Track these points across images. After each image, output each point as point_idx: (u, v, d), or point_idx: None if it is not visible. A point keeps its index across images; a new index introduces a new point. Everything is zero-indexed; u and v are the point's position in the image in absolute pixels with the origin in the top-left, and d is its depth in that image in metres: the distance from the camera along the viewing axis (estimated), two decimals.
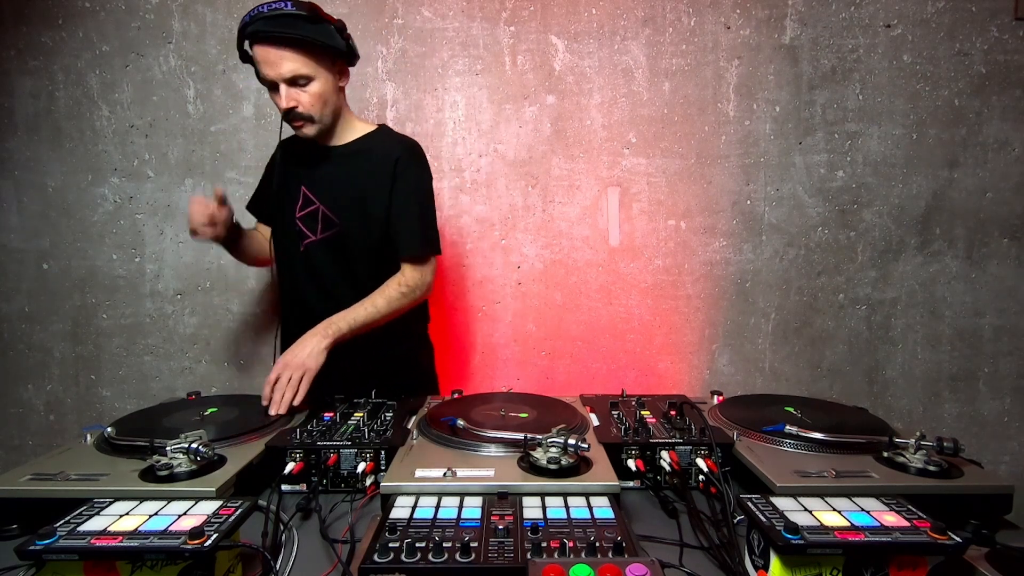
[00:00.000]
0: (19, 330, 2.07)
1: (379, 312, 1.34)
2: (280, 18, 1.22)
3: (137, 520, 0.72)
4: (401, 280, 1.39)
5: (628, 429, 1.06)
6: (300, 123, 1.34)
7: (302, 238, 1.45)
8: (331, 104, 1.36)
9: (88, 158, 2.01)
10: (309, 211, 1.43)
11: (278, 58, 1.25)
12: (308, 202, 1.44)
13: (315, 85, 1.30)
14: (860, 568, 0.67)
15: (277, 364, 1.22)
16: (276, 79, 1.27)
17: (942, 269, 2.07)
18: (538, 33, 1.99)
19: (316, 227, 1.43)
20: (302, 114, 1.32)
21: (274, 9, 1.22)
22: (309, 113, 1.32)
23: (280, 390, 1.18)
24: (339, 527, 0.86)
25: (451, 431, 1.02)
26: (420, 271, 1.41)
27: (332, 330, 1.27)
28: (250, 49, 1.28)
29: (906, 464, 0.90)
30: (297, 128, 1.35)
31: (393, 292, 1.37)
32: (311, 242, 1.44)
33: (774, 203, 2.05)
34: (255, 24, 1.23)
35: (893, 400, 2.13)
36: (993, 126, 2.01)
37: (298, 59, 1.26)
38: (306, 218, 1.44)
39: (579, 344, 2.11)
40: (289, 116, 1.32)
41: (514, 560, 0.65)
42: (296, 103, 1.30)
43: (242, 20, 1.25)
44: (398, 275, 1.40)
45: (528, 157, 2.04)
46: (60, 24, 1.95)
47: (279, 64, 1.25)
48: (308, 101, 1.31)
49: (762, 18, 1.98)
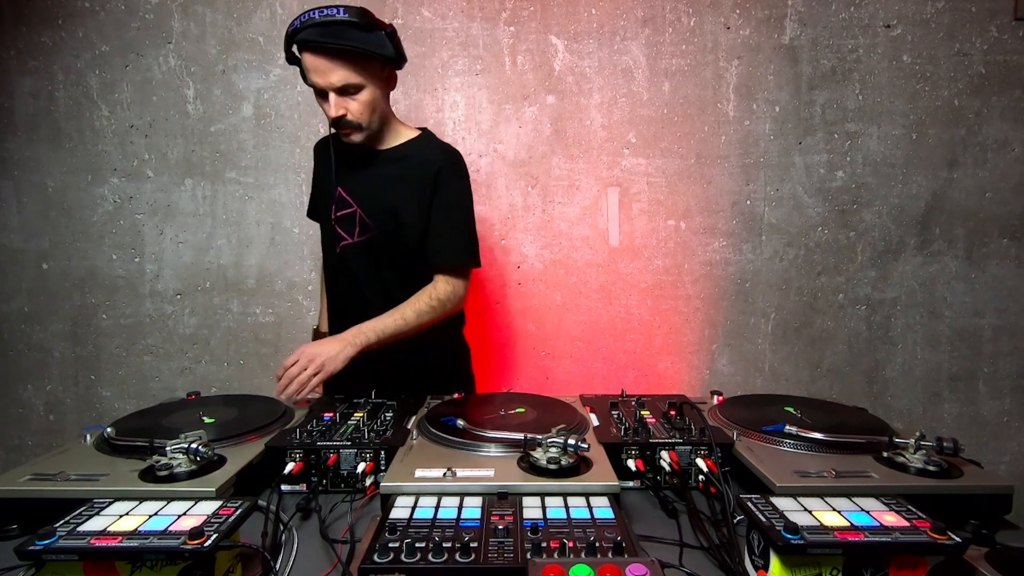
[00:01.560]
0: (19, 330, 2.07)
1: (407, 324, 1.32)
2: (331, 26, 1.19)
3: (137, 520, 0.72)
4: (432, 293, 1.36)
5: (628, 429, 1.06)
6: (348, 131, 1.32)
7: (338, 240, 1.43)
8: (379, 111, 1.33)
9: (88, 158, 2.01)
10: (346, 213, 1.41)
11: (328, 68, 1.22)
12: (345, 204, 1.42)
13: (365, 93, 1.28)
14: (860, 568, 0.67)
15: (300, 349, 1.21)
16: (326, 87, 1.24)
17: (942, 269, 2.07)
18: (538, 33, 1.99)
19: (353, 230, 1.41)
20: (351, 122, 1.29)
21: (326, 16, 1.18)
22: (358, 121, 1.30)
23: (290, 378, 1.18)
24: (339, 527, 0.86)
25: (451, 431, 1.02)
26: (453, 284, 1.38)
27: (360, 339, 1.26)
28: (298, 53, 1.25)
29: (906, 464, 0.90)
30: (345, 135, 1.33)
31: (423, 305, 1.34)
32: (347, 245, 1.43)
33: (774, 203, 2.05)
34: (306, 31, 1.19)
35: (893, 400, 2.13)
36: (993, 126, 2.01)
37: (349, 68, 1.23)
38: (342, 220, 1.42)
39: (579, 344, 2.11)
40: (338, 124, 1.30)
41: (514, 560, 0.65)
42: (345, 111, 1.28)
43: (292, 23, 1.21)
44: (430, 287, 1.37)
45: (528, 157, 2.04)
46: (60, 24, 1.95)
47: (329, 73, 1.23)
48: (357, 109, 1.29)
49: (762, 18, 1.98)
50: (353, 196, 1.41)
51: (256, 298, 2.08)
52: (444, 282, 1.38)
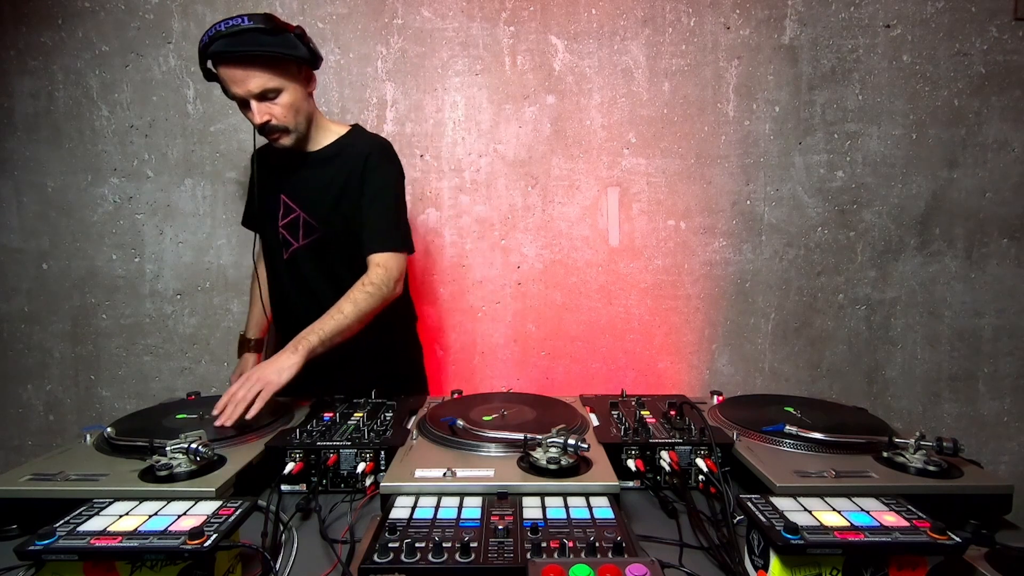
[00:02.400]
0: (19, 330, 2.07)
1: (347, 318, 1.28)
2: (239, 35, 1.21)
3: (137, 520, 0.72)
4: (365, 280, 1.34)
5: (628, 429, 1.06)
6: (276, 135, 1.34)
7: (286, 246, 1.46)
8: (303, 112, 1.36)
9: (88, 158, 2.01)
10: (290, 219, 1.44)
11: (244, 76, 1.24)
12: (289, 210, 1.44)
13: (285, 96, 1.30)
14: (860, 568, 0.67)
15: (242, 377, 1.17)
16: (245, 96, 1.27)
17: (942, 269, 2.07)
18: (538, 33, 1.99)
19: (298, 234, 1.44)
20: (276, 126, 1.32)
21: (232, 26, 1.20)
22: (283, 124, 1.32)
23: (233, 403, 1.11)
24: (339, 527, 0.86)
25: (451, 431, 1.02)
26: (385, 268, 1.36)
27: (302, 346, 1.21)
28: (214, 68, 1.27)
29: (906, 464, 0.90)
30: (274, 140, 1.35)
31: (358, 294, 1.32)
32: (295, 249, 1.45)
33: (774, 203, 2.05)
34: (215, 44, 1.21)
35: (893, 400, 2.13)
36: (993, 126, 2.01)
37: (264, 74, 1.25)
38: (288, 226, 1.45)
39: (579, 344, 2.11)
40: (264, 130, 1.32)
41: (514, 560, 0.65)
42: (269, 116, 1.30)
43: (200, 41, 1.23)
44: (364, 276, 1.36)
45: (528, 157, 2.04)
46: (60, 24, 1.95)
47: (246, 81, 1.25)
48: (281, 113, 1.31)
49: (762, 18, 1.98)
50: (294, 201, 1.43)
51: None
52: (375, 266, 1.36)
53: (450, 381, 2.08)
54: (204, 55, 1.25)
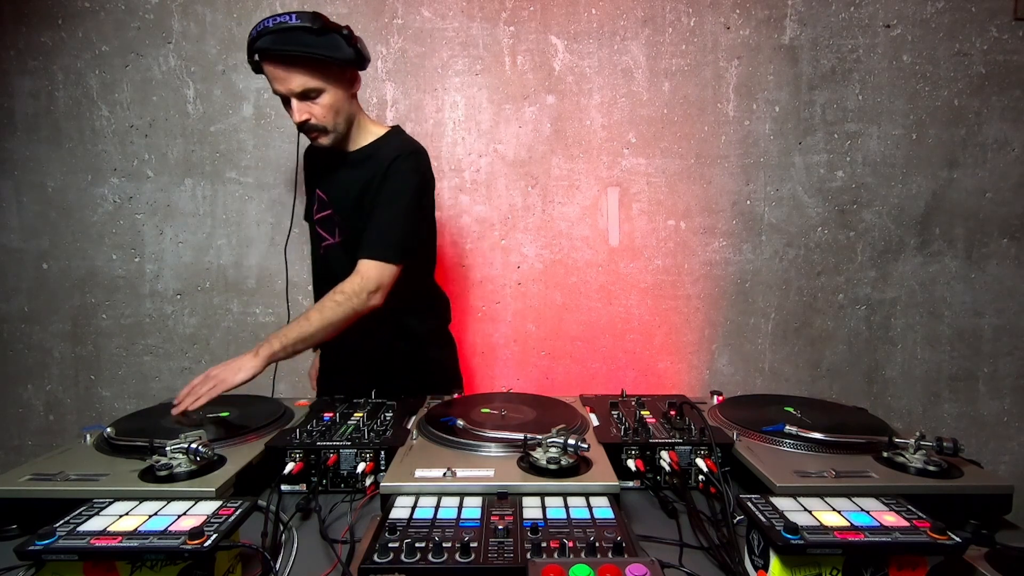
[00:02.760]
0: (19, 330, 2.07)
1: (311, 326, 1.24)
2: (285, 32, 1.20)
3: (137, 520, 0.72)
4: (337, 288, 1.28)
5: (628, 429, 1.06)
6: (315, 134, 1.34)
7: (321, 240, 1.47)
8: (344, 112, 1.34)
9: (88, 158, 2.01)
10: (325, 215, 1.45)
11: (287, 74, 1.24)
12: (324, 205, 1.45)
13: (326, 97, 1.29)
14: (860, 568, 0.67)
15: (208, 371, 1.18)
16: (286, 94, 1.27)
17: (942, 269, 2.07)
18: (538, 33, 1.99)
19: (333, 231, 1.44)
20: (316, 126, 1.31)
21: (279, 23, 1.20)
22: (322, 124, 1.32)
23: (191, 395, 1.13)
24: (339, 527, 0.86)
25: (451, 431, 1.02)
26: (363, 277, 1.29)
27: (264, 350, 1.20)
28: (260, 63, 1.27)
29: (906, 464, 0.90)
30: (313, 139, 1.36)
31: (327, 302, 1.26)
32: (328, 245, 1.46)
33: (774, 203, 2.05)
34: (262, 40, 1.22)
35: (893, 400, 2.13)
36: (993, 126, 2.01)
37: (306, 74, 1.25)
38: (323, 221, 1.46)
39: (579, 344, 2.11)
40: (304, 129, 1.32)
41: (514, 560, 0.65)
42: (309, 115, 1.29)
43: (250, 34, 1.23)
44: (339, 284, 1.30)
45: (528, 157, 2.04)
46: (60, 24, 1.95)
47: (288, 80, 1.25)
48: (320, 113, 1.30)
49: (762, 18, 1.98)
50: (329, 198, 1.44)
51: (256, 298, 2.08)
52: (355, 273, 1.30)
53: None
54: (251, 49, 1.25)
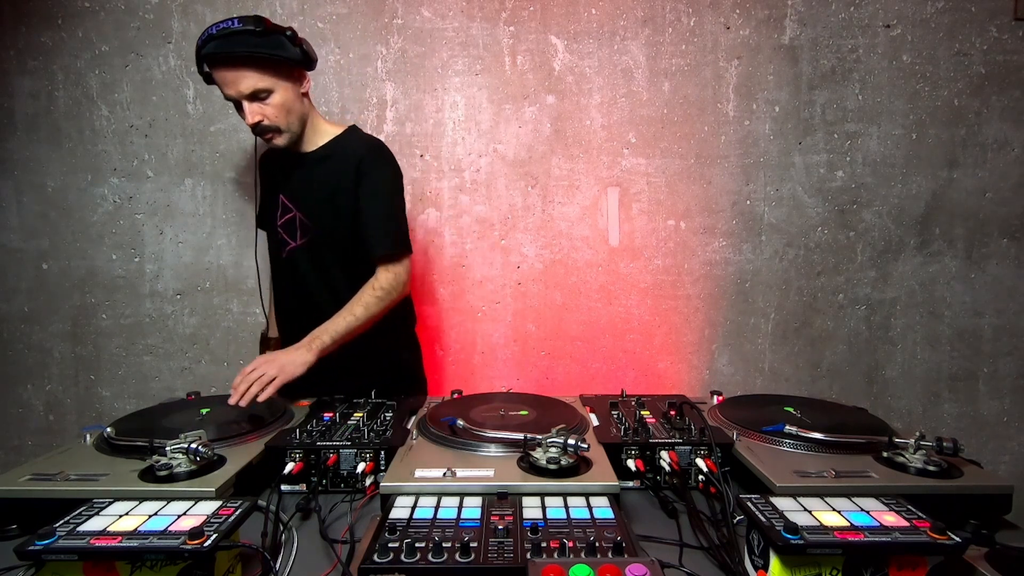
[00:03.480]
0: (19, 330, 2.07)
1: (358, 320, 1.34)
2: (230, 37, 1.24)
3: (137, 520, 0.72)
4: (375, 284, 1.38)
5: (628, 429, 1.06)
6: (269, 135, 1.36)
7: (283, 245, 1.49)
8: (296, 112, 1.37)
9: (88, 158, 2.01)
10: (287, 218, 1.48)
11: (235, 77, 1.27)
12: (286, 209, 1.47)
13: (276, 96, 1.32)
14: (860, 568, 0.67)
15: (258, 358, 1.22)
16: (237, 97, 1.30)
17: (942, 269, 2.07)
18: (538, 33, 1.99)
19: (295, 234, 1.47)
20: (269, 126, 1.34)
21: (223, 29, 1.24)
22: (275, 124, 1.34)
23: (248, 382, 1.16)
24: (339, 527, 0.86)
25: (451, 431, 1.02)
26: (393, 272, 1.41)
27: (316, 344, 1.27)
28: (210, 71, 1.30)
29: (906, 464, 0.90)
30: (268, 140, 1.38)
31: (369, 298, 1.37)
32: (291, 249, 1.48)
33: (774, 203, 2.05)
34: (208, 46, 1.25)
35: (893, 400, 2.13)
36: (993, 126, 2.01)
37: (254, 74, 1.28)
38: (286, 225, 1.48)
39: (579, 344, 2.11)
40: (257, 130, 1.34)
41: (514, 560, 0.65)
42: (261, 116, 1.32)
43: (196, 44, 1.27)
44: (372, 279, 1.40)
45: (528, 157, 2.04)
46: (60, 24, 1.95)
47: (237, 82, 1.28)
48: (272, 113, 1.33)
49: (762, 18, 1.98)
50: (291, 201, 1.47)
51: (256, 298, 2.08)
52: (384, 271, 1.40)
53: (450, 381, 2.08)
54: (200, 58, 1.28)
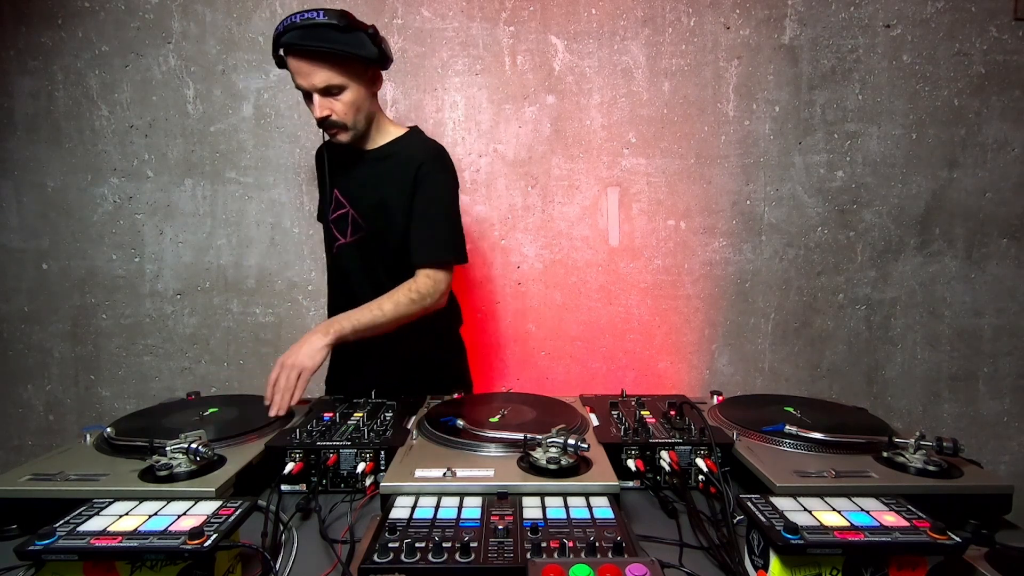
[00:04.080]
0: (19, 330, 2.07)
1: (384, 316, 1.31)
2: (312, 29, 1.22)
3: (137, 520, 0.72)
4: (412, 286, 1.36)
5: (628, 429, 1.06)
6: (335, 131, 1.35)
7: (334, 240, 1.48)
8: (364, 111, 1.36)
9: (88, 158, 2.01)
10: (340, 214, 1.46)
11: (310, 70, 1.25)
12: (339, 205, 1.46)
13: (348, 94, 1.30)
14: (860, 568, 0.67)
15: (277, 363, 1.21)
16: (309, 89, 1.28)
17: (942, 269, 2.07)
18: (538, 33, 1.99)
19: (346, 230, 1.46)
20: (336, 122, 1.33)
21: (306, 19, 1.22)
22: (343, 121, 1.33)
23: (279, 391, 1.18)
24: (339, 527, 0.86)
25: (451, 431, 1.02)
26: (433, 279, 1.38)
27: (334, 328, 1.25)
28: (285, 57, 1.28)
29: (906, 464, 0.90)
30: (332, 135, 1.36)
31: (402, 298, 1.34)
32: (341, 244, 1.47)
33: (774, 203, 2.05)
34: (288, 35, 1.23)
35: (893, 400, 2.13)
36: (993, 126, 2.01)
37: (330, 70, 1.26)
38: (337, 221, 1.47)
39: (579, 344, 2.11)
40: (324, 124, 1.33)
41: (514, 560, 0.65)
42: (330, 112, 1.31)
43: (276, 28, 1.25)
44: (410, 281, 1.37)
45: (528, 157, 2.04)
46: (60, 24, 1.95)
47: (311, 75, 1.26)
48: (341, 110, 1.32)
49: (762, 18, 1.98)
50: (345, 196, 1.45)
51: (256, 298, 2.08)
52: (424, 276, 1.37)
53: None
54: (277, 43, 1.26)
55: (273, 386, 1.19)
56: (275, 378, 1.19)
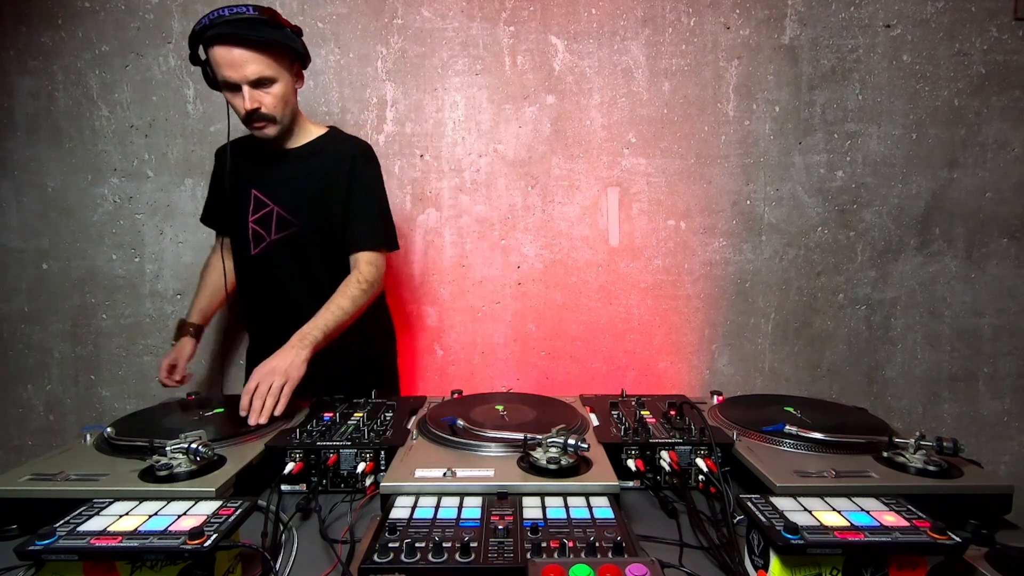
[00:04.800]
0: (19, 330, 2.07)
1: (346, 313, 1.34)
2: (243, 22, 1.25)
3: (137, 520, 0.72)
4: (359, 277, 1.40)
5: (628, 429, 1.06)
6: (262, 124, 1.36)
7: (257, 242, 1.47)
8: (290, 105, 1.39)
9: (88, 158, 2.01)
10: (263, 213, 1.46)
11: (243, 60, 1.27)
12: (261, 204, 1.46)
13: (278, 87, 1.33)
14: (860, 568, 0.67)
15: (255, 373, 1.17)
16: (240, 81, 1.29)
17: (942, 269, 2.07)
18: (538, 33, 1.99)
19: (271, 229, 1.46)
20: (265, 115, 1.34)
21: (236, 13, 1.25)
22: (272, 114, 1.35)
23: (260, 398, 1.13)
24: (339, 527, 0.86)
25: (451, 431, 1.02)
26: (375, 265, 1.43)
27: (308, 340, 1.25)
28: (205, 52, 1.30)
29: (906, 464, 0.90)
30: (258, 129, 1.37)
31: (354, 290, 1.37)
32: (268, 244, 1.47)
33: (774, 203, 2.05)
34: (217, 27, 1.24)
35: (893, 400, 2.13)
36: (993, 126, 2.01)
37: (263, 61, 1.29)
38: (260, 221, 1.47)
39: (579, 344, 2.11)
40: (252, 117, 1.34)
41: (514, 560, 0.65)
42: (259, 104, 1.32)
43: (198, 23, 1.26)
44: (354, 273, 1.41)
45: (528, 157, 2.04)
46: (60, 24, 1.95)
47: (244, 66, 1.27)
48: (271, 102, 1.34)
49: (762, 18, 1.98)
50: (270, 196, 1.45)
51: None
52: (366, 264, 1.42)
53: (450, 381, 2.08)
54: (199, 37, 1.27)
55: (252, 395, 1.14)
56: (254, 387, 1.15)
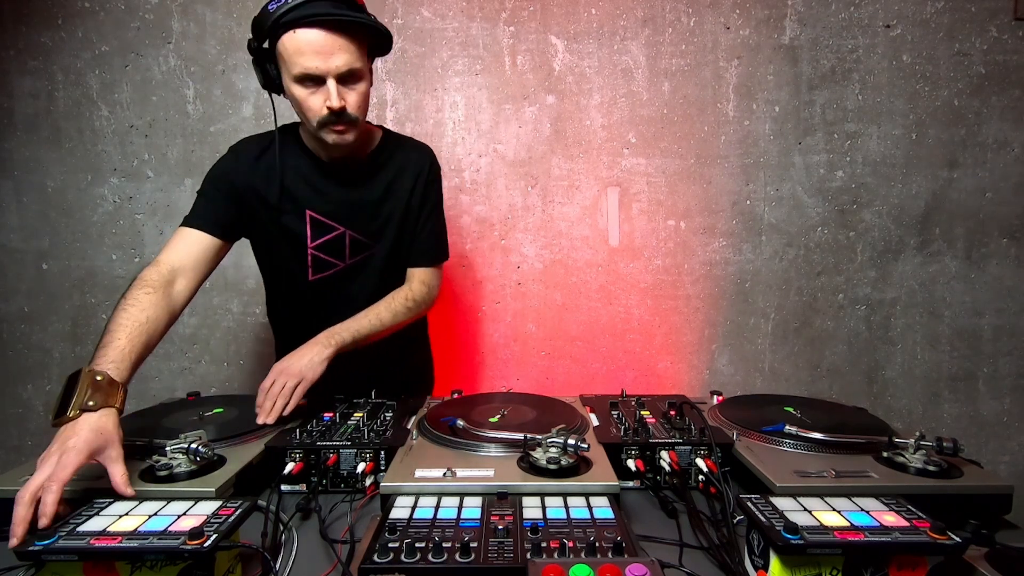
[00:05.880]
0: (19, 330, 2.07)
1: (383, 325, 1.26)
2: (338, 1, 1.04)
3: (136, 520, 0.72)
4: (408, 295, 1.31)
5: (628, 429, 1.06)
6: (343, 128, 1.12)
7: (322, 268, 1.30)
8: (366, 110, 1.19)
9: (88, 158, 2.01)
10: (332, 237, 1.28)
11: (333, 47, 1.04)
12: (325, 228, 1.27)
13: (364, 84, 1.12)
14: (860, 568, 0.67)
15: (273, 369, 1.14)
16: (325, 73, 1.06)
17: (941, 269, 2.07)
18: (538, 33, 1.99)
19: (343, 254, 1.30)
20: (351, 117, 1.11)
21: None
22: (356, 116, 1.12)
23: (272, 398, 1.09)
24: (339, 527, 0.86)
25: (451, 431, 1.02)
26: (428, 284, 1.35)
27: (335, 340, 1.17)
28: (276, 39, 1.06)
29: (906, 464, 0.90)
30: (338, 134, 1.13)
31: (399, 306, 1.29)
32: (338, 270, 1.32)
33: (774, 203, 2.05)
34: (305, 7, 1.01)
35: (893, 400, 2.13)
36: (992, 126, 2.01)
37: (355, 51, 1.07)
38: (326, 247, 1.29)
39: (579, 344, 2.11)
40: (335, 119, 1.10)
41: (514, 560, 0.65)
42: (344, 103, 1.09)
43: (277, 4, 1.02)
44: (405, 288, 1.33)
45: (528, 157, 2.04)
46: (60, 24, 1.95)
47: (333, 55, 1.04)
48: (356, 102, 1.11)
49: (762, 18, 1.98)
50: (331, 218, 1.27)
51: (256, 298, 2.08)
52: (419, 283, 1.34)
53: (450, 381, 2.08)
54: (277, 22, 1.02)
55: (267, 392, 1.11)
56: (269, 385, 1.12)
